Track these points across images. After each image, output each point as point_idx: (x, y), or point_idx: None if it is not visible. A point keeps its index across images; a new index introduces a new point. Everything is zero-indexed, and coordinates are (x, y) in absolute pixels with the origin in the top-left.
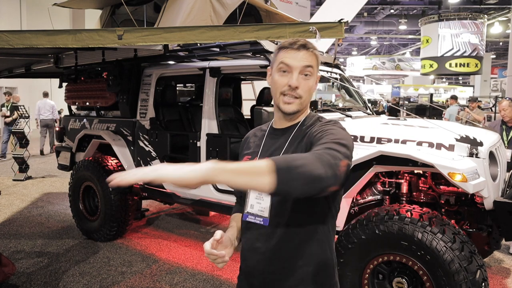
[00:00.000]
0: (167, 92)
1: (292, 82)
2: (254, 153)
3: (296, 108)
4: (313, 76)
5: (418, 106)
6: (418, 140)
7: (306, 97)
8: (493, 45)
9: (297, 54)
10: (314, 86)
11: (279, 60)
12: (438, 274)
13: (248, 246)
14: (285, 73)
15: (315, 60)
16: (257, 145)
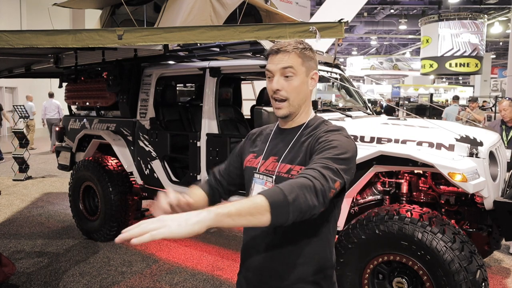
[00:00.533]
0: (167, 92)
1: (272, 85)
2: (259, 151)
3: (286, 111)
4: (296, 75)
5: (418, 106)
6: (418, 140)
7: (293, 98)
8: (493, 45)
9: (274, 58)
10: (303, 84)
11: (266, 68)
12: (438, 274)
13: (249, 243)
14: (270, 78)
15: (297, 59)
16: (263, 143)
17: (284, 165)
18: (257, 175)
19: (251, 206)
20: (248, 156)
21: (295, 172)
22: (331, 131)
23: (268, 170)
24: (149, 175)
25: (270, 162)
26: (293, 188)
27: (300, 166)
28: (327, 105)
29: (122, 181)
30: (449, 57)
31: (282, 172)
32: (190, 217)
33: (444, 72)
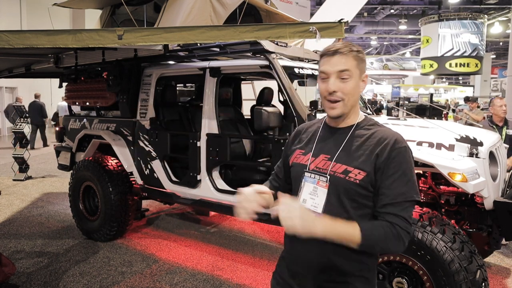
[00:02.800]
0: (167, 92)
1: (328, 87)
2: (307, 148)
3: (340, 111)
4: (352, 78)
5: (418, 106)
6: (418, 140)
7: (348, 99)
8: (493, 45)
9: (331, 60)
10: (358, 87)
11: (320, 69)
12: (438, 274)
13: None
14: (325, 80)
15: (352, 61)
16: (311, 140)
17: (339, 165)
18: (307, 173)
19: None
20: (295, 153)
21: (353, 175)
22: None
23: (319, 168)
24: (149, 175)
25: (320, 160)
26: (387, 238)
27: (359, 170)
28: None
29: (122, 181)
30: (449, 57)
31: (338, 172)
32: (315, 224)
33: (444, 72)
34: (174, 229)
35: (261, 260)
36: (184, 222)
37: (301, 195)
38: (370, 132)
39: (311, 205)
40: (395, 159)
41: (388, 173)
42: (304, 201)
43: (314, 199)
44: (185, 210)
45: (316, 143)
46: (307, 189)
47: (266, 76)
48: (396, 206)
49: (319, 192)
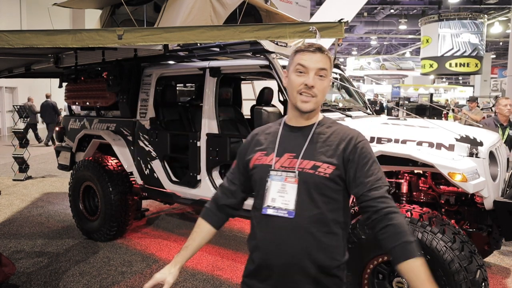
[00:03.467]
0: (167, 92)
1: (308, 81)
2: (269, 148)
3: (312, 106)
4: (327, 78)
5: (418, 106)
6: (418, 140)
7: (320, 97)
8: (493, 45)
9: (313, 56)
10: (328, 87)
11: (296, 62)
12: (438, 274)
13: (269, 238)
14: (302, 73)
15: (329, 63)
16: (271, 141)
17: (307, 162)
18: (273, 172)
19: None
20: (256, 155)
21: (322, 169)
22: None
23: (285, 166)
24: (149, 175)
25: (286, 159)
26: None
27: (327, 164)
28: (327, 105)
29: (122, 181)
30: (449, 57)
31: (307, 168)
32: None
33: (444, 72)
34: (174, 229)
35: None
36: (184, 222)
37: (269, 195)
38: (332, 129)
39: (281, 203)
40: (363, 150)
41: (361, 162)
42: (273, 200)
43: (283, 196)
44: (185, 210)
45: (279, 143)
46: (275, 188)
47: (266, 76)
48: (378, 190)
49: (288, 189)
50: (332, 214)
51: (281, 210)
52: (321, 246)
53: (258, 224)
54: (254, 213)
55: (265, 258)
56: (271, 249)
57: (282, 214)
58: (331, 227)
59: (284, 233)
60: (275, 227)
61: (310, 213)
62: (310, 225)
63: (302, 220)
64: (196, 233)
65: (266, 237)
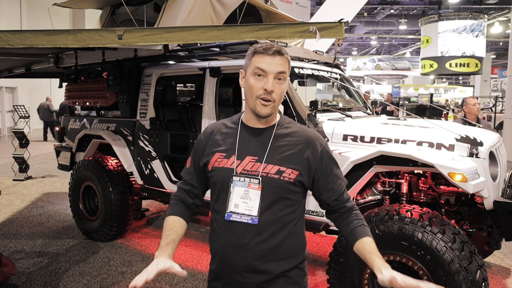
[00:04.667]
0: (167, 92)
1: (267, 86)
2: (228, 150)
3: (270, 111)
4: (285, 80)
5: (418, 106)
6: (418, 140)
7: (278, 101)
8: (493, 45)
9: (272, 60)
10: (285, 91)
11: (254, 64)
12: (438, 274)
13: (232, 243)
14: (260, 77)
15: (288, 65)
16: (230, 142)
17: (271, 166)
18: (236, 177)
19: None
20: (214, 156)
21: (287, 174)
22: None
23: (247, 170)
24: (149, 175)
25: (247, 162)
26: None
27: (291, 169)
28: (327, 105)
29: (122, 181)
30: (449, 57)
31: (271, 173)
32: None
33: (444, 72)
34: None
35: None
36: None
37: (231, 200)
38: (290, 130)
39: (245, 209)
40: (326, 157)
41: (327, 171)
42: (236, 206)
43: (247, 202)
44: None
45: (238, 144)
46: (238, 193)
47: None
48: (344, 193)
49: (252, 195)
50: (294, 215)
51: (245, 216)
52: (285, 247)
53: (219, 228)
54: (215, 217)
55: (227, 262)
56: (233, 253)
57: (246, 221)
58: (293, 227)
59: (248, 238)
60: (238, 232)
61: (274, 216)
62: (273, 229)
63: (265, 224)
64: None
65: (229, 241)
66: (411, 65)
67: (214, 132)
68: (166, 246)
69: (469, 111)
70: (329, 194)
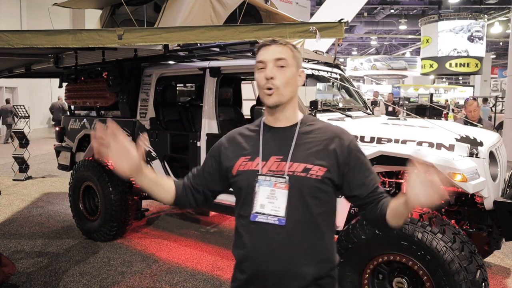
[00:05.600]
0: (167, 92)
1: (266, 73)
2: (252, 153)
3: (276, 99)
4: (289, 67)
5: (418, 106)
6: (418, 140)
7: (284, 89)
8: (493, 45)
9: (268, 49)
10: (294, 78)
11: (256, 60)
12: (438, 274)
13: (262, 248)
14: (262, 69)
15: (289, 52)
16: (253, 145)
17: (297, 164)
18: (261, 177)
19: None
20: (239, 160)
21: (314, 171)
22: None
23: (273, 170)
24: None
25: (272, 162)
26: None
27: (319, 166)
28: (327, 105)
29: (122, 181)
30: (449, 57)
31: (298, 171)
32: None
33: (444, 72)
34: (174, 229)
35: None
36: (184, 222)
37: (257, 201)
38: (315, 127)
39: (271, 209)
40: (354, 151)
41: (356, 165)
42: (262, 206)
43: (273, 202)
44: (185, 210)
45: (262, 145)
46: (263, 193)
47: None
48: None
49: (278, 195)
50: (324, 217)
51: (271, 217)
52: (316, 251)
53: (246, 233)
54: (240, 222)
55: (258, 268)
56: (264, 258)
57: (273, 222)
58: (324, 230)
59: (277, 241)
60: (266, 235)
61: (303, 218)
62: (303, 231)
63: (294, 226)
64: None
65: (257, 246)
66: (408, 65)
67: (236, 136)
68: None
69: (469, 114)
70: (362, 189)
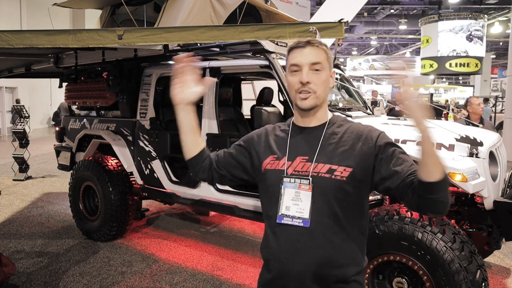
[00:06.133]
0: (167, 92)
1: (302, 78)
2: (280, 152)
3: (312, 102)
4: (324, 70)
5: None
6: (418, 140)
7: (321, 92)
8: (493, 45)
9: (303, 52)
10: (328, 80)
11: (289, 63)
12: (438, 274)
13: (286, 249)
14: (296, 72)
15: (323, 54)
16: (282, 144)
17: (322, 165)
18: (286, 179)
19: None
20: (268, 159)
21: (339, 172)
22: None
23: (298, 171)
24: (149, 175)
25: (298, 163)
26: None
27: (344, 167)
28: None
29: (122, 181)
30: (449, 57)
31: (322, 172)
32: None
33: (444, 72)
34: (174, 229)
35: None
36: (184, 222)
37: (283, 203)
38: (344, 128)
39: (296, 211)
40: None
41: (386, 157)
42: (287, 208)
43: (298, 204)
44: (185, 210)
45: (289, 145)
46: (289, 195)
47: (266, 76)
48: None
49: (303, 196)
50: (350, 219)
51: (296, 219)
52: (340, 253)
53: (273, 233)
54: (268, 221)
55: (282, 268)
56: (288, 259)
57: (297, 224)
58: (350, 232)
59: (301, 242)
60: (291, 236)
61: (327, 219)
62: (327, 232)
63: (319, 228)
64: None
65: (282, 246)
66: (406, 64)
67: (268, 133)
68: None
69: (473, 111)
70: (393, 178)
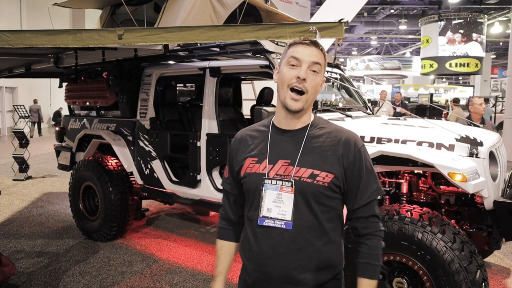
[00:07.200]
0: (167, 92)
1: (300, 73)
2: (260, 155)
3: (301, 105)
4: (320, 74)
5: (418, 106)
6: (418, 140)
7: (311, 94)
8: (493, 45)
9: (307, 49)
10: (320, 85)
11: (288, 55)
12: (438, 274)
13: (267, 252)
14: (294, 66)
15: (324, 59)
16: (262, 146)
17: (304, 170)
18: (268, 180)
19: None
20: (246, 162)
21: (321, 178)
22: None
23: (280, 174)
24: (149, 175)
25: (280, 166)
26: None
27: (326, 172)
28: (327, 105)
29: (122, 181)
30: (449, 57)
31: (304, 176)
32: None
33: (444, 72)
34: (174, 229)
35: None
36: (184, 222)
37: (264, 204)
38: (325, 131)
39: (278, 213)
40: (361, 158)
41: (359, 174)
42: (269, 210)
43: (280, 206)
44: (185, 210)
45: (270, 148)
46: (270, 197)
47: (266, 76)
48: (368, 207)
49: (285, 198)
50: (331, 223)
51: (278, 221)
52: (321, 256)
53: (253, 236)
54: (249, 224)
55: (263, 271)
56: (269, 262)
57: (280, 226)
58: (331, 236)
59: (283, 246)
60: (272, 239)
61: (309, 223)
62: (309, 236)
63: (301, 231)
64: (224, 255)
65: (263, 249)
66: (402, 64)
67: (244, 137)
68: (217, 278)
69: (475, 110)
70: (357, 198)
